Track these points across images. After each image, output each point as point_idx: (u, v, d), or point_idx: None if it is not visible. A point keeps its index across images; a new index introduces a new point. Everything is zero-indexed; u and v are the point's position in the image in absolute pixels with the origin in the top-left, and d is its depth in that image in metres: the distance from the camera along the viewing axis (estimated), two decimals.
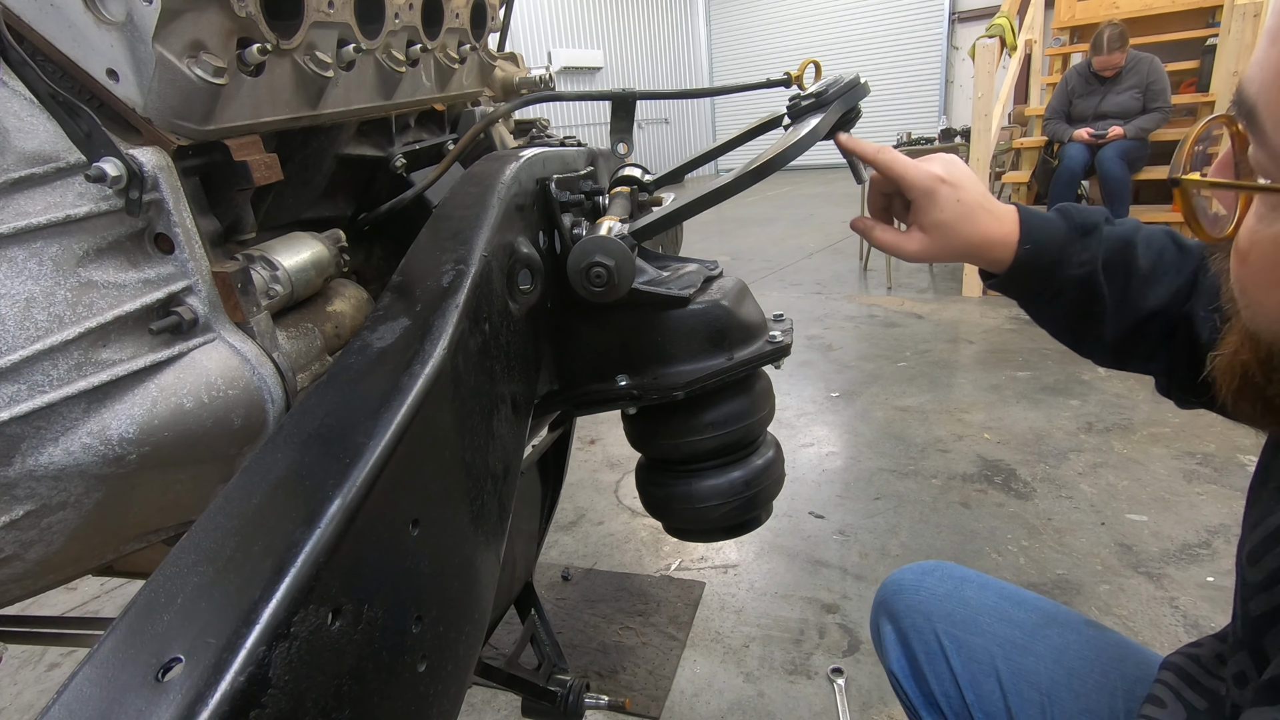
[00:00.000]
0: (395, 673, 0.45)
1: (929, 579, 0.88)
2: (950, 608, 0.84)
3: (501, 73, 1.22)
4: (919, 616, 0.85)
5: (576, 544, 2.18)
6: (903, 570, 0.91)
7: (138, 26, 0.51)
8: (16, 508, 0.53)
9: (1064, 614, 0.81)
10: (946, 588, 0.86)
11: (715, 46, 13.52)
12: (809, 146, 0.69)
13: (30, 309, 0.50)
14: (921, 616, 0.85)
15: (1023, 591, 0.85)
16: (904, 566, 0.92)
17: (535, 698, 1.33)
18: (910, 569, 0.91)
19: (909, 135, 6.63)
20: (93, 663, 0.35)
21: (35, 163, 0.50)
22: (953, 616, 0.83)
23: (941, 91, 11.30)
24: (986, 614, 0.82)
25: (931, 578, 0.88)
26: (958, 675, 0.80)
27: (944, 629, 0.82)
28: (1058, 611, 0.81)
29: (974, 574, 0.88)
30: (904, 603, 0.87)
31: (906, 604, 0.87)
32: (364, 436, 0.45)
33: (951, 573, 0.88)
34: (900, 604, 0.87)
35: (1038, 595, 0.85)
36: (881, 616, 0.90)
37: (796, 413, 2.94)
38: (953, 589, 0.85)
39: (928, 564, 0.91)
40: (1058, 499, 2.19)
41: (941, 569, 0.89)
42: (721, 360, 0.74)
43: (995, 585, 0.86)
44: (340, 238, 0.75)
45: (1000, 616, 0.81)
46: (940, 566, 0.89)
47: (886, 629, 0.89)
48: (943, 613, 0.84)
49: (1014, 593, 0.85)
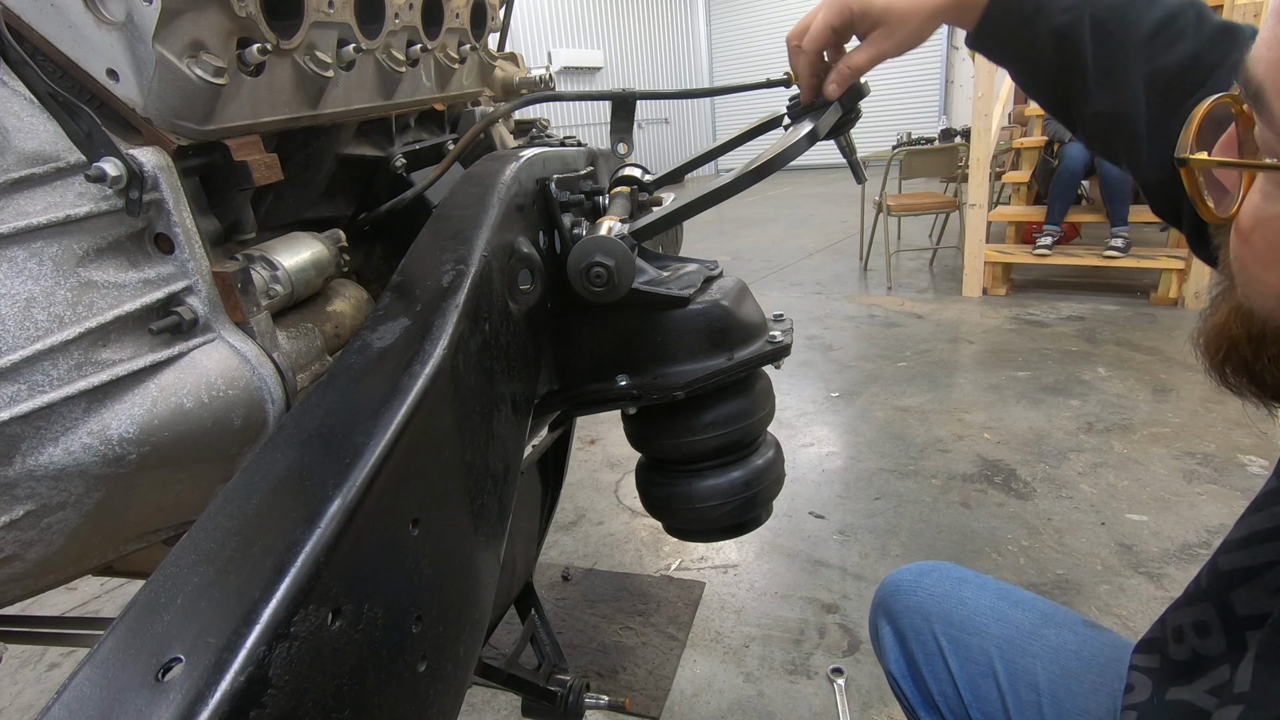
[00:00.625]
0: (395, 673, 0.45)
1: (927, 579, 0.88)
2: (948, 608, 0.84)
3: (501, 73, 1.22)
4: (917, 617, 0.85)
5: (576, 544, 2.18)
6: (901, 571, 0.91)
7: (138, 26, 0.51)
8: (16, 508, 0.53)
9: (1062, 614, 0.81)
10: (944, 588, 0.86)
11: (715, 46, 13.52)
12: (809, 146, 0.69)
13: (30, 309, 0.50)
14: (919, 617, 0.85)
15: (1021, 592, 0.85)
16: (902, 567, 0.92)
17: (535, 698, 1.33)
18: (908, 569, 0.91)
19: (909, 135, 6.63)
20: (93, 663, 0.35)
21: (35, 163, 0.50)
22: (950, 617, 0.83)
23: (941, 91, 11.31)
24: (984, 614, 0.82)
25: (929, 578, 0.88)
26: (955, 676, 0.80)
27: (942, 629, 0.82)
28: (1055, 612, 0.82)
29: (972, 574, 0.88)
30: (902, 603, 0.87)
31: (904, 604, 0.87)
32: (364, 436, 0.45)
33: (949, 573, 0.88)
34: (898, 604, 0.88)
35: (1036, 595, 0.85)
36: (880, 617, 0.90)
37: (796, 413, 2.94)
38: (951, 589, 0.85)
39: (926, 564, 0.91)
40: (1058, 499, 2.19)
41: (939, 569, 0.89)
42: (721, 360, 0.74)
43: (993, 586, 0.86)
44: (340, 238, 0.75)
45: (998, 617, 0.81)
46: (938, 567, 0.89)
47: (885, 629, 0.89)
48: (941, 613, 0.84)
49: (1012, 593, 0.85)
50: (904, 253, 5.41)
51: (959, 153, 4.89)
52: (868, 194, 5.18)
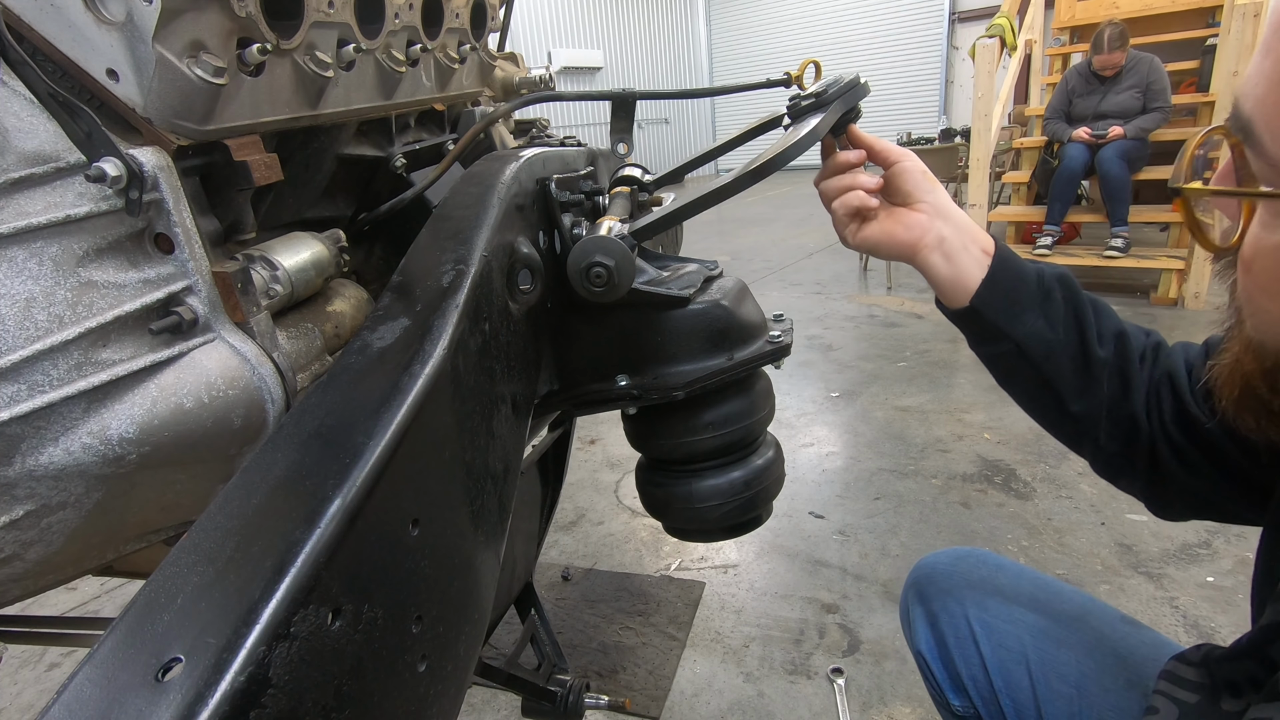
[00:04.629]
0: (395, 673, 0.45)
1: (963, 564, 0.87)
2: (984, 594, 0.83)
3: (501, 73, 1.22)
4: (950, 600, 0.84)
5: (576, 544, 2.18)
6: (937, 554, 0.91)
7: (138, 26, 0.51)
8: (16, 508, 0.53)
9: (1099, 609, 0.80)
10: (981, 574, 0.85)
11: (715, 46, 13.52)
12: (809, 146, 0.69)
13: (30, 309, 0.50)
14: (954, 600, 0.84)
15: (1059, 583, 0.84)
16: (938, 551, 0.92)
17: (535, 698, 1.33)
18: (945, 553, 0.90)
19: (909, 135, 6.63)
20: (93, 663, 0.35)
21: (35, 163, 0.50)
22: (986, 603, 0.82)
23: (941, 91, 11.30)
24: (1020, 602, 0.81)
25: (966, 563, 0.87)
26: (986, 661, 0.79)
27: (975, 614, 0.82)
28: (1093, 606, 0.81)
29: (1009, 562, 0.87)
30: (937, 586, 0.86)
31: (939, 587, 0.86)
32: (364, 436, 0.45)
33: (986, 559, 0.87)
34: (933, 587, 0.87)
35: (1074, 588, 0.84)
36: (912, 598, 0.90)
37: (796, 413, 2.94)
38: (988, 575, 0.85)
39: (962, 549, 0.90)
40: (1058, 499, 2.19)
41: (976, 555, 0.88)
42: (721, 360, 0.74)
43: (1030, 574, 0.85)
44: (340, 238, 0.75)
45: (1034, 606, 0.81)
46: (974, 553, 0.89)
47: (916, 611, 0.88)
48: (976, 598, 0.83)
49: (1049, 583, 0.84)
50: None
51: (959, 153, 4.89)
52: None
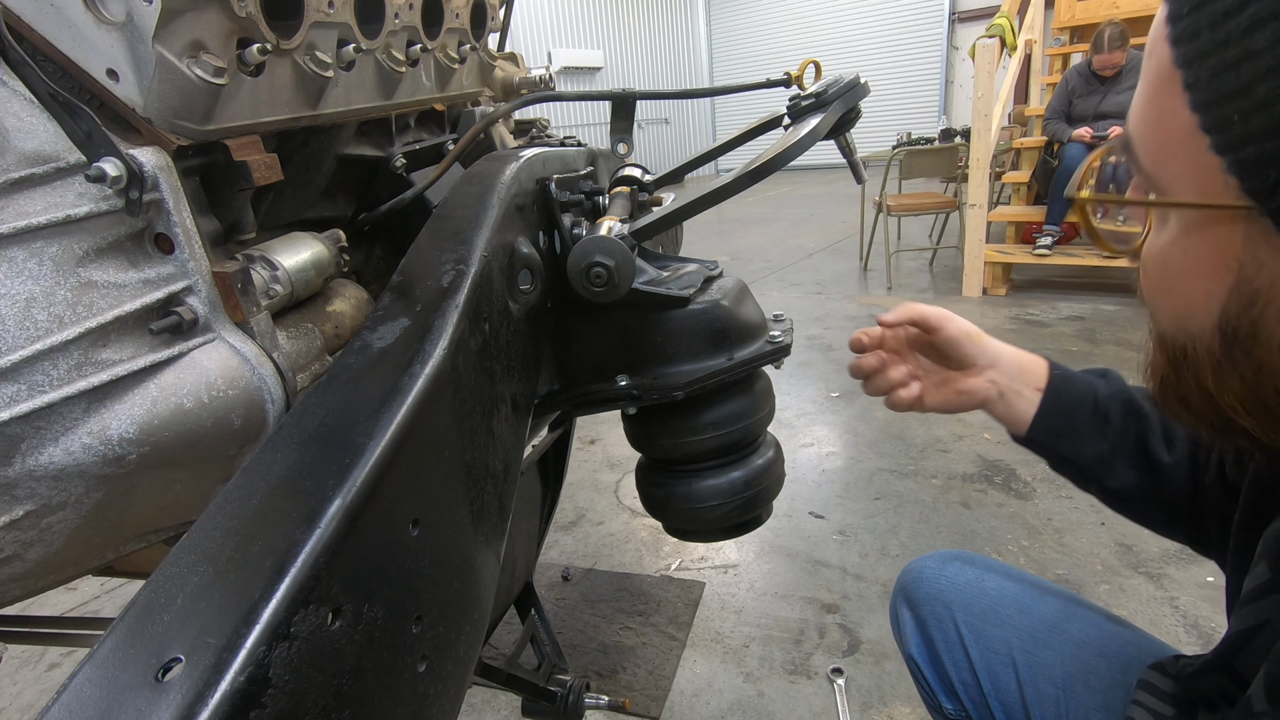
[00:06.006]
0: (395, 673, 0.45)
1: (950, 567, 0.87)
2: (971, 597, 0.83)
3: (501, 73, 1.22)
4: (939, 604, 0.84)
5: (576, 544, 2.18)
6: (925, 558, 0.91)
7: (138, 26, 0.51)
8: (16, 508, 0.53)
9: (1086, 608, 0.81)
10: (968, 577, 0.85)
11: (715, 46, 13.52)
12: (809, 146, 0.69)
13: (30, 309, 0.50)
14: (941, 604, 0.84)
15: (1046, 583, 0.84)
16: (926, 554, 0.91)
17: (535, 698, 1.33)
18: (932, 556, 0.90)
19: (909, 135, 6.64)
20: (93, 663, 0.35)
21: (35, 163, 0.50)
22: (973, 606, 0.82)
23: (941, 91, 11.30)
24: (1007, 605, 0.81)
25: (953, 566, 0.87)
26: (975, 665, 0.80)
27: (963, 618, 0.82)
28: (1079, 606, 0.81)
29: (997, 564, 0.87)
30: (924, 590, 0.86)
31: (926, 592, 0.86)
32: (364, 436, 0.45)
33: (974, 562, 0.87)
34: (920, 591, 0.87)
35: (1061, 588, 0.84)
36: (900, 602, 0.90)
37: (796, 413, 2.94)
38: (974, 579, 0.85)
39: (950, 552, 0.90)
40: (1058, 499, 2.19)
41: (963, 558, 0.88)
42: (721, 360, 0.74)
43: (1018, 576, 0.85)
44: (340, 238, 0.75)
45: (1021, 609, 0.81)
46: (962, 555, 0.89)
47: (905, 615, 0.88)
48: (963, 602, 0.83)
49: (1037, 584, 0.84)
50: (904, 253, 5.41)
51: (959, 153, 4.89)
52: (868, 194, 5.18)
